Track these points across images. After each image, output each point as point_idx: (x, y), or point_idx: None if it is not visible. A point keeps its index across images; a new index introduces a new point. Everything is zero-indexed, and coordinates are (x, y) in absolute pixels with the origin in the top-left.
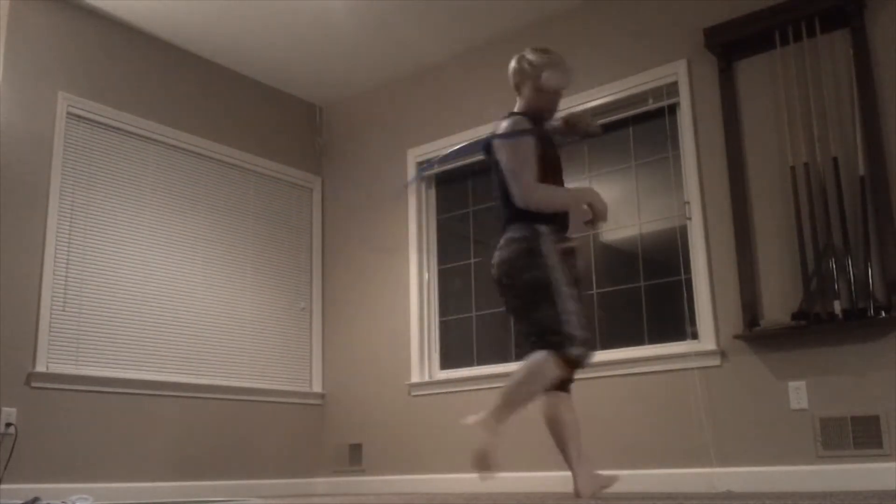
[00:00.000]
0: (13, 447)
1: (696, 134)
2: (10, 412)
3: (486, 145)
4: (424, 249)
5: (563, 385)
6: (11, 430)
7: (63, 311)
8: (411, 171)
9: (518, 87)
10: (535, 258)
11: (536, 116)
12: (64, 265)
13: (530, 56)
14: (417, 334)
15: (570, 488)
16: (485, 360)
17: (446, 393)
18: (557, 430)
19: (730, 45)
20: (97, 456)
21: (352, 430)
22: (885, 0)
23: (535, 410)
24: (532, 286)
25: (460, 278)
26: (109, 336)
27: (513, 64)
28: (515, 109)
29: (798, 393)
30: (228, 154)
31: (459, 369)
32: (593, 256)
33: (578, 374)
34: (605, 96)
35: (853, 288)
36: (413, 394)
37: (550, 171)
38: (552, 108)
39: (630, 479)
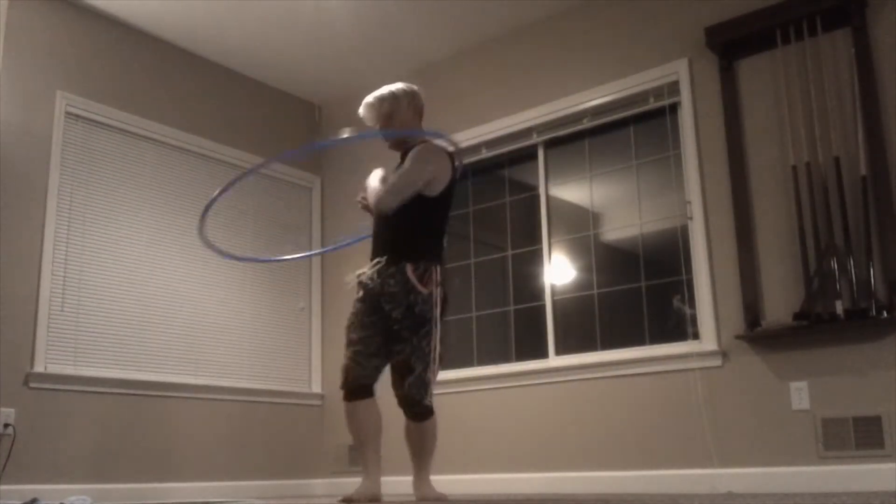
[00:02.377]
0: (11, 448)
1: (697, 133)
2: (9, 413)
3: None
4: None
5: (372, 391)
6: (10, 430)
7: (61, 311)
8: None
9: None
10: (422, 294)
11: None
12: (62, 265)
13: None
14: None
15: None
16: (485, 361)
17: (446, 393)
18: (368, 436)
19: (731, 44)
20: (95, 457)
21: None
22: None
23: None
24: (425, 319)
25: (460, 278)
26: (108, 336)
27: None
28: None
29: (800, 393)
30: (228, 153)
31: (459, 370)
32: (594, 256)
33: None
34: (605, 95)
35: (855, 288)
36: None
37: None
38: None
39: (631, 480)
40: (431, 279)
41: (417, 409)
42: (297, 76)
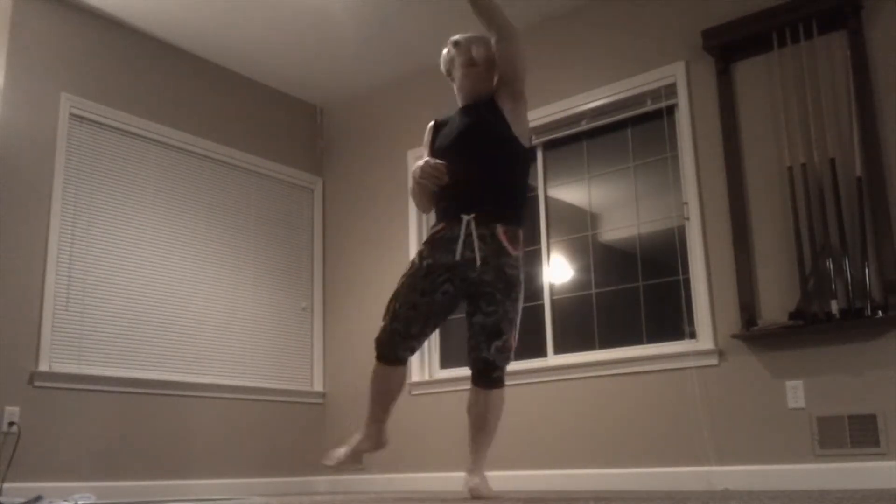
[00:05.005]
0: (16, 446)
1: (694, 135)
2: (14, 411)
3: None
4: None
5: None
6: (14, 429)
7: (66, 310)
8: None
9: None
10: (511, 255)
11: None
12: (67, 265)
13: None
14: None
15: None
16: None
17: (446, 392)
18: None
19: (728, 47)
20: (99, 454)
21: (352, 428)
22: (881, 2)
23: (528, 412)
24: (517, 282)
25: None
26: (112, 335)
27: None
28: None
29: (795, 392)
30: (230, 155)
31: (459, 368)
32: (592, 256)
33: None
34: (603, 98)
35: (850, 288)
36: (413, 393)
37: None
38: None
39: (628, 477)
40: (519, 241)
41: (495, 374)
42: (298, 78)
